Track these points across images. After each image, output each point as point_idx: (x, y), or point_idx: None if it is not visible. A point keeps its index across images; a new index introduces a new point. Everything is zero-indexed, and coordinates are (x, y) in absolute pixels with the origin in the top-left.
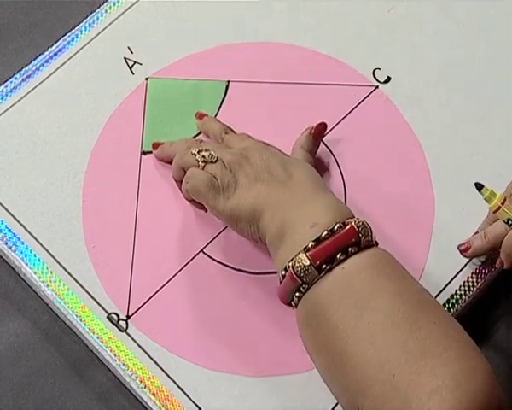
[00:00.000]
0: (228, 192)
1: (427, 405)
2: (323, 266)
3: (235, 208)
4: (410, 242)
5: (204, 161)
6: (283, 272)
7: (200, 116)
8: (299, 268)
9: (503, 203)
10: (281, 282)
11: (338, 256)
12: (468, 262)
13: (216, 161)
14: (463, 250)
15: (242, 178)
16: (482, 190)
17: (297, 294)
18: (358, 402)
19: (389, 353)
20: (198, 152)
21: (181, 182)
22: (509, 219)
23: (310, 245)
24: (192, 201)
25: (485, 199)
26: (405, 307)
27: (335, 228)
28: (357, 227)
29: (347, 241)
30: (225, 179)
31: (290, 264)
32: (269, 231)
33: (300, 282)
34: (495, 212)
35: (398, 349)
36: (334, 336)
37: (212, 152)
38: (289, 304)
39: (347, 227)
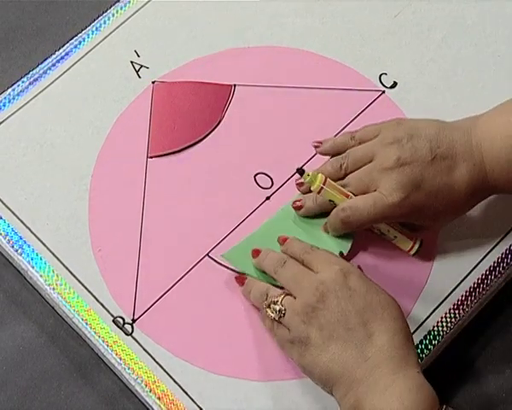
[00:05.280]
0: (300, 347)
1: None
2: None
3: (307, 366)
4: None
5: (279, 316)
6: None
7: (283, 240)
8: None
9: (324, 184)
10: None
11: None
12: (474, 269)
13: (284, 313)
14: (297, 208)
15: (315, 332)
16: (304, 175)
17: None
18: None
19: None
20: (269, 306)
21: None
22: (330, 200)
23: None
24: None
25: (307, 182)
26: None
27: None
28: None
29: None
30: (297, 333)
31: None
32: (342, 407)
33: None
34: (319, 193)
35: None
36: None
37: (282, 306)
38: None
39: None
